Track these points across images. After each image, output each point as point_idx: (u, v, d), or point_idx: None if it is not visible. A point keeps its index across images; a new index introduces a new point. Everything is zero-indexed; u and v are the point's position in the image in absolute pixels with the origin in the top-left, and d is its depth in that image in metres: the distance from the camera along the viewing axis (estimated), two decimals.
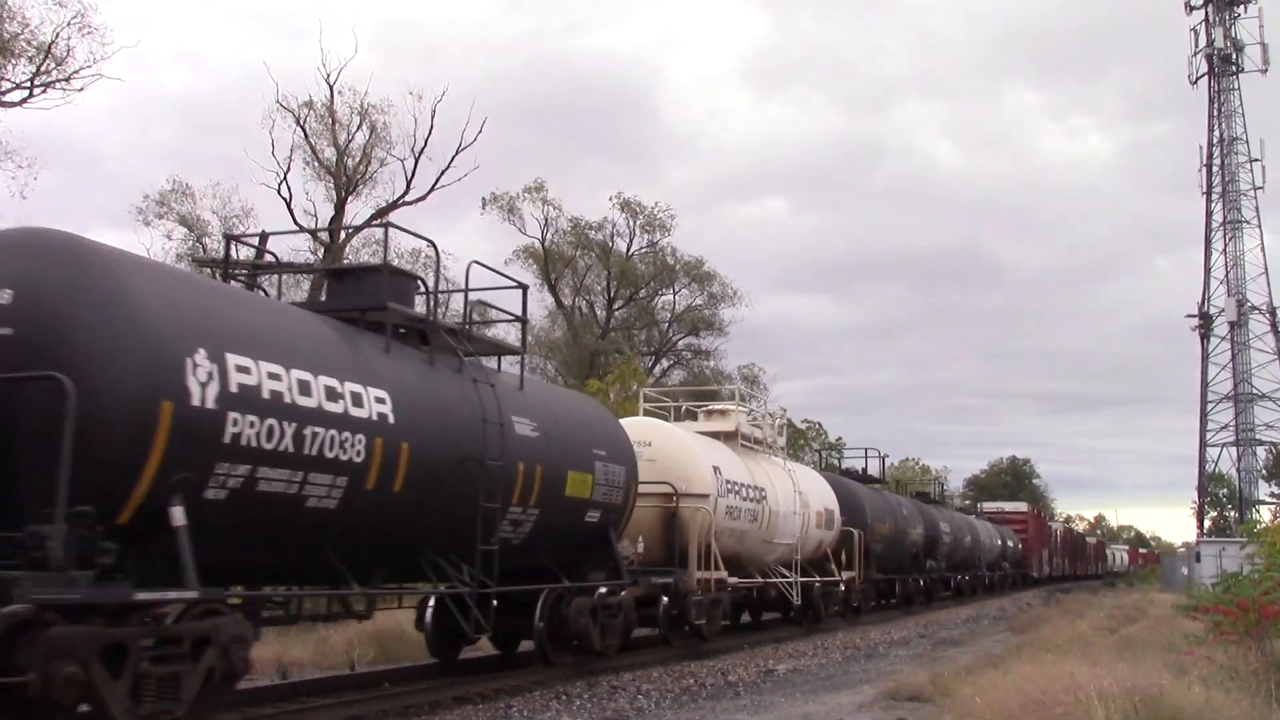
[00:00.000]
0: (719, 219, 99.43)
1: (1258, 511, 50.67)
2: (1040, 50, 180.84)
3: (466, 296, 12.22)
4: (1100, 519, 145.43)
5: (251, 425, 8.02)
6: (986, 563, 42.54)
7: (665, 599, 15.60)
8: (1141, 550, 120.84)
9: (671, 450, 16.64)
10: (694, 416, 20.58)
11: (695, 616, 16.20)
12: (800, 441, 48.03)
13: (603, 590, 13.38)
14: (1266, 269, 59.40)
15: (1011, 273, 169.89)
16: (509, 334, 23.11)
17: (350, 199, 34.24)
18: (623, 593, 13.79)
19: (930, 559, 32.65)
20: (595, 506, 13.11)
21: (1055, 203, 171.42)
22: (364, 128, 33.93)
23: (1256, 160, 59.51)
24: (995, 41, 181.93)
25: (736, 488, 17.60)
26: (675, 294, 48.98)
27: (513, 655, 13.89)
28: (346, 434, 8.98)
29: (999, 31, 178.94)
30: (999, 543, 44.85)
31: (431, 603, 12.46)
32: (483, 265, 12.11)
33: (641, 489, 14.66)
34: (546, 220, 45.09)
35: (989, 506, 58.17)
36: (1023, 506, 59.73)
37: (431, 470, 10.02)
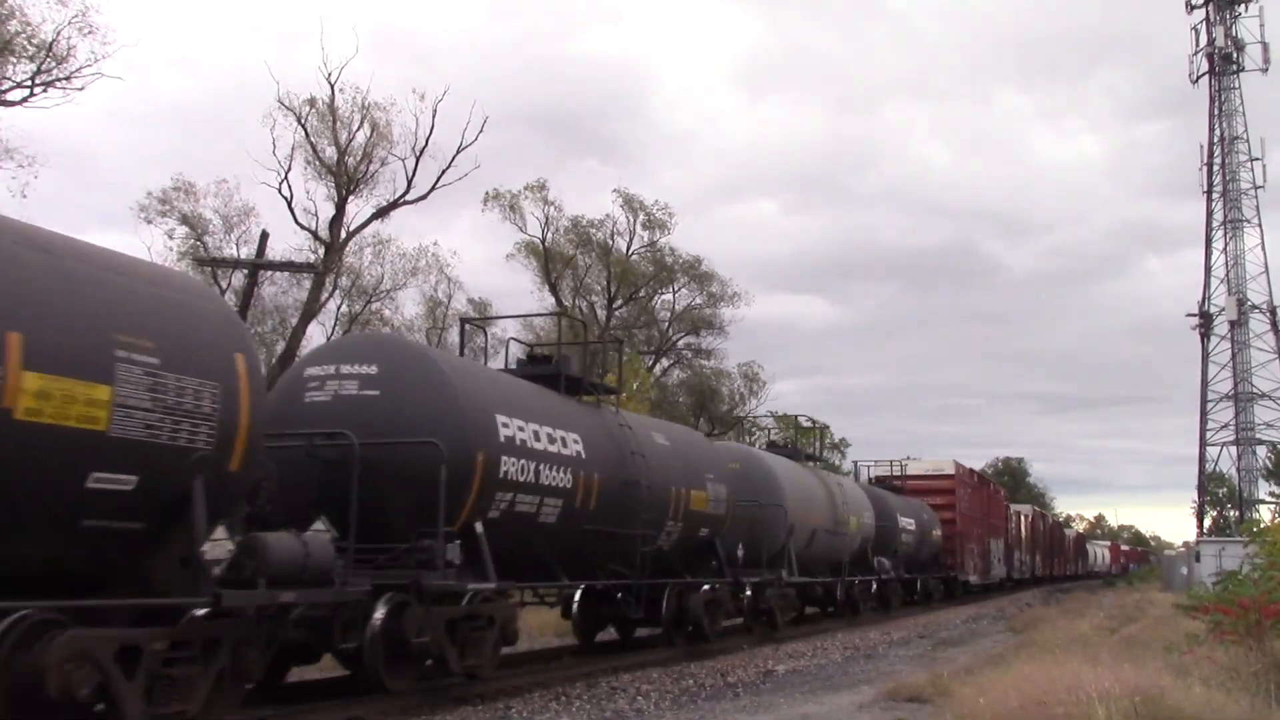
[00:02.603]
0: (711, 220, 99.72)
1: (1258, 511, 50.67)
2: (1029, 53, 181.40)
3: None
4: (1100, 519, 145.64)
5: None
6: (828, 561, 22.90)
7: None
8: (1125, 548, 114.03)
9: None
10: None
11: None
12: (803, 441, 47.73)
13: (706, 586, 16.16)
14: (1267, 268, 59.39)
15: (1005, 273, 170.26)
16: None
17: (351, 198, 34.27)
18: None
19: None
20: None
21: (1047, 204, 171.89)
22: (365, 126, 33.96)
23: (1257, 159, 59.51)
24: (984, 44, 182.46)
25: None
26: (675, 293, 49.00)
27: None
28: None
29: (988, 34, 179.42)
30: (869, 522, 25.33)
31: (577, 597, 15.56)
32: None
33: None
34: (547, 219, 45.10)
35: (881, 471, 34.05)
36: (947, 468, 35.92)
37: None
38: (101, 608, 7.09)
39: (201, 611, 7.65)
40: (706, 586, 16.20)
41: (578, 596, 15.61)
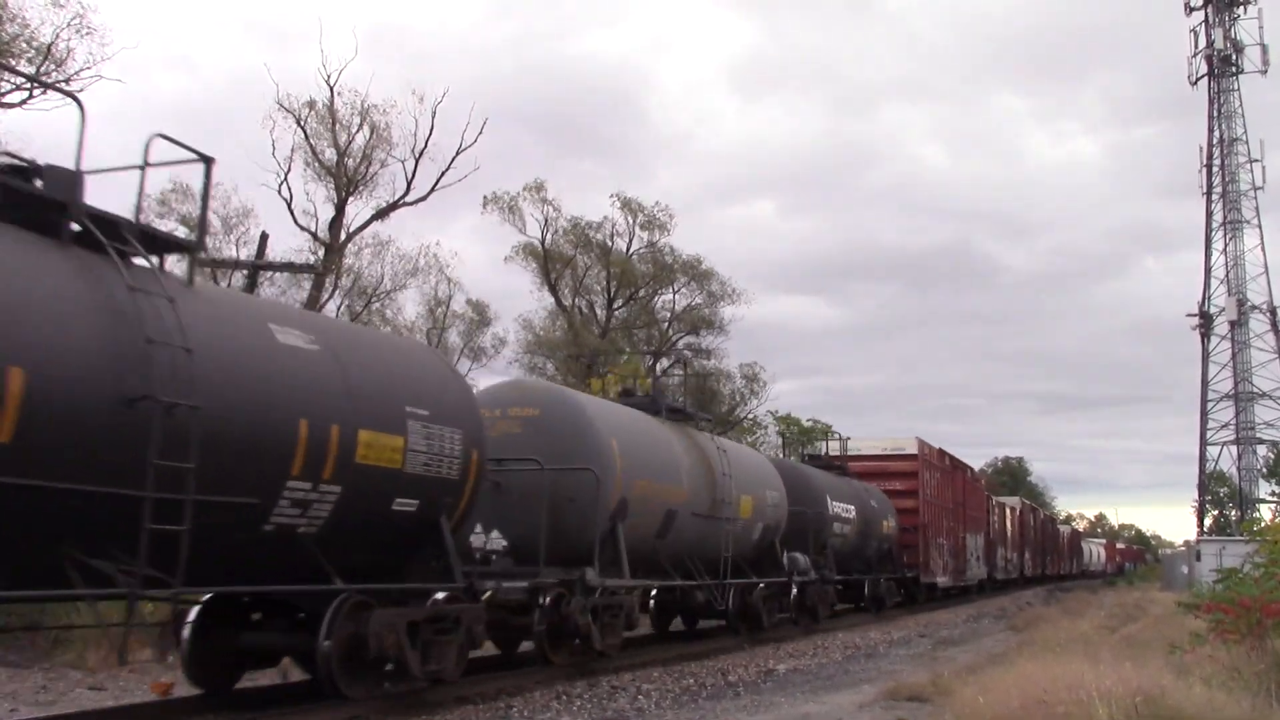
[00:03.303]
0: (708, 221, 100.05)
1: (1258, 510, 50.67)
2: (1025, 56, 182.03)
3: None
4: (1101, 518, 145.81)
5: None
6: (705, 556, 16.44)
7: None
8: (1120, 546, 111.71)
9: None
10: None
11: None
12: (805, 440, 47.73)
13: (439, 596, 10.18)
14: (1266, 269, 59.55)
15: (1004, 274, 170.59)
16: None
17: (351, 199, 34.29)
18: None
19: None
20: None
21: (1044, 205, 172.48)
22: (364, 128, 33.99)
23: (1256, 161, 59.63)
24: (980, 47, 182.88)
25: None
26: (675, 293, 49.02)
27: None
28: None
29: (984, 37, 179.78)
30: (776, 505, 18.94)
31: (193, 615, 9.43)
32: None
33: None
34: (546, 220, 45.11)
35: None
36: (907, 446, 29.53)
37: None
38: None
39: None
40: (441, 596, 10.04)
41: (193, 616, 9.39)
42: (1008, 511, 45.03)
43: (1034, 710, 8.05)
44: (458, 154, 34.16)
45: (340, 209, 34.04)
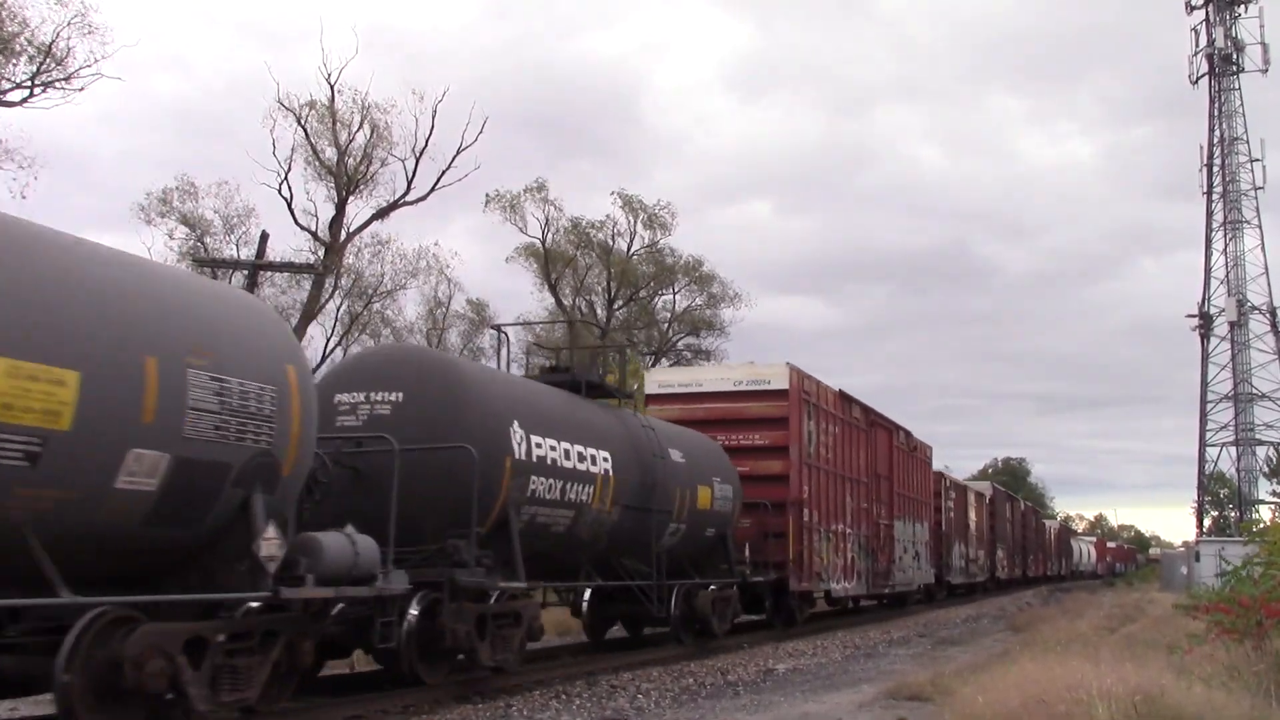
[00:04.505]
0: (705, 222, 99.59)
1: (1257, 511, 50.65)
2: (1020, 57, 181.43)
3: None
4: (1101, 518, 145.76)
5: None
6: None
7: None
8: (1111, 545, 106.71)
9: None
10: None
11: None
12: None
13: (714, 585, 16.44)
14: (1267, 269, 59.47)
15: (1000, 274, 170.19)
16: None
17: (351, 199, 34.30)
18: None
19: None
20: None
21: (1042, 206, 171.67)
22: (364, 127, 34.01)
23: (1257, 160, 59.60)
24: (976, 48, 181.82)
25: None
26: (675, 294, 49.02)
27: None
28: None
29: (979, 38, 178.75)
30: (268, 424, 7.63)
31: (587, 595, 15.43)
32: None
33: None
34: (548, 220, 45.07)
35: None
36: (774, 378, 18.94)
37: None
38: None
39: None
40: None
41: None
42: (971, 497, 35.96)
43: (1034, 709, 8.05)
44: (458, 153, 34.25)
45: (340, 208, 34.09)
